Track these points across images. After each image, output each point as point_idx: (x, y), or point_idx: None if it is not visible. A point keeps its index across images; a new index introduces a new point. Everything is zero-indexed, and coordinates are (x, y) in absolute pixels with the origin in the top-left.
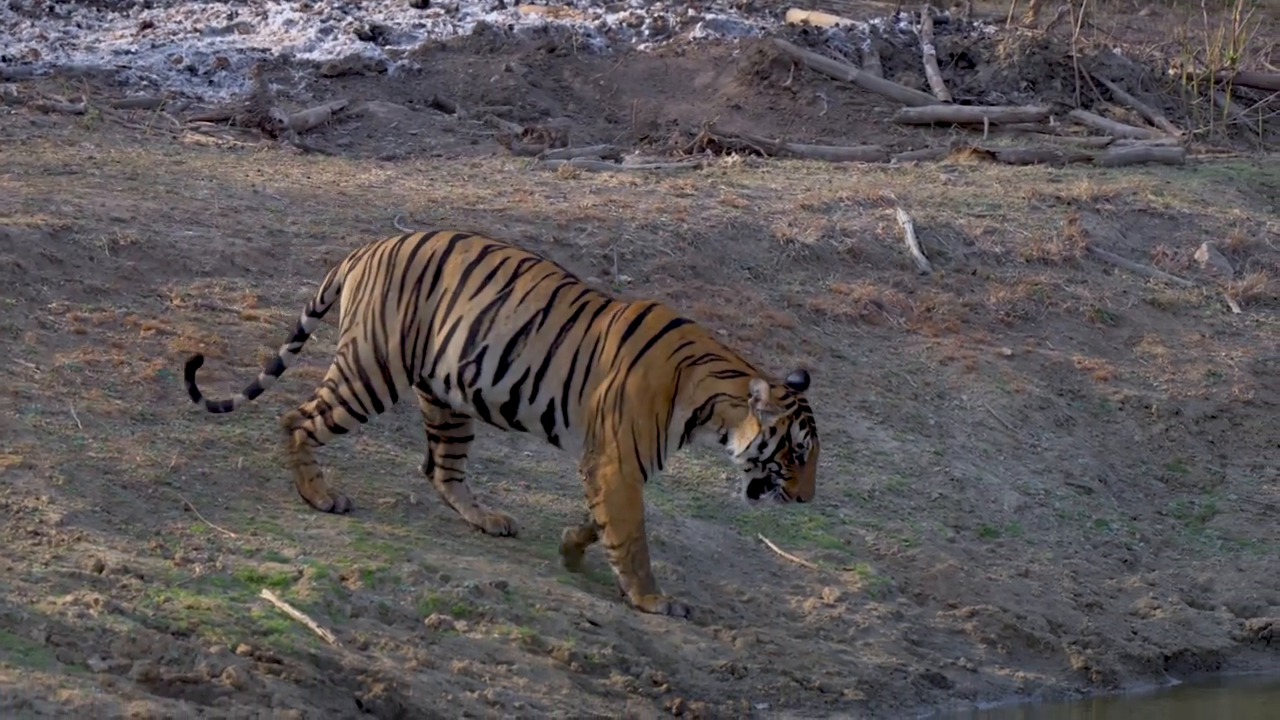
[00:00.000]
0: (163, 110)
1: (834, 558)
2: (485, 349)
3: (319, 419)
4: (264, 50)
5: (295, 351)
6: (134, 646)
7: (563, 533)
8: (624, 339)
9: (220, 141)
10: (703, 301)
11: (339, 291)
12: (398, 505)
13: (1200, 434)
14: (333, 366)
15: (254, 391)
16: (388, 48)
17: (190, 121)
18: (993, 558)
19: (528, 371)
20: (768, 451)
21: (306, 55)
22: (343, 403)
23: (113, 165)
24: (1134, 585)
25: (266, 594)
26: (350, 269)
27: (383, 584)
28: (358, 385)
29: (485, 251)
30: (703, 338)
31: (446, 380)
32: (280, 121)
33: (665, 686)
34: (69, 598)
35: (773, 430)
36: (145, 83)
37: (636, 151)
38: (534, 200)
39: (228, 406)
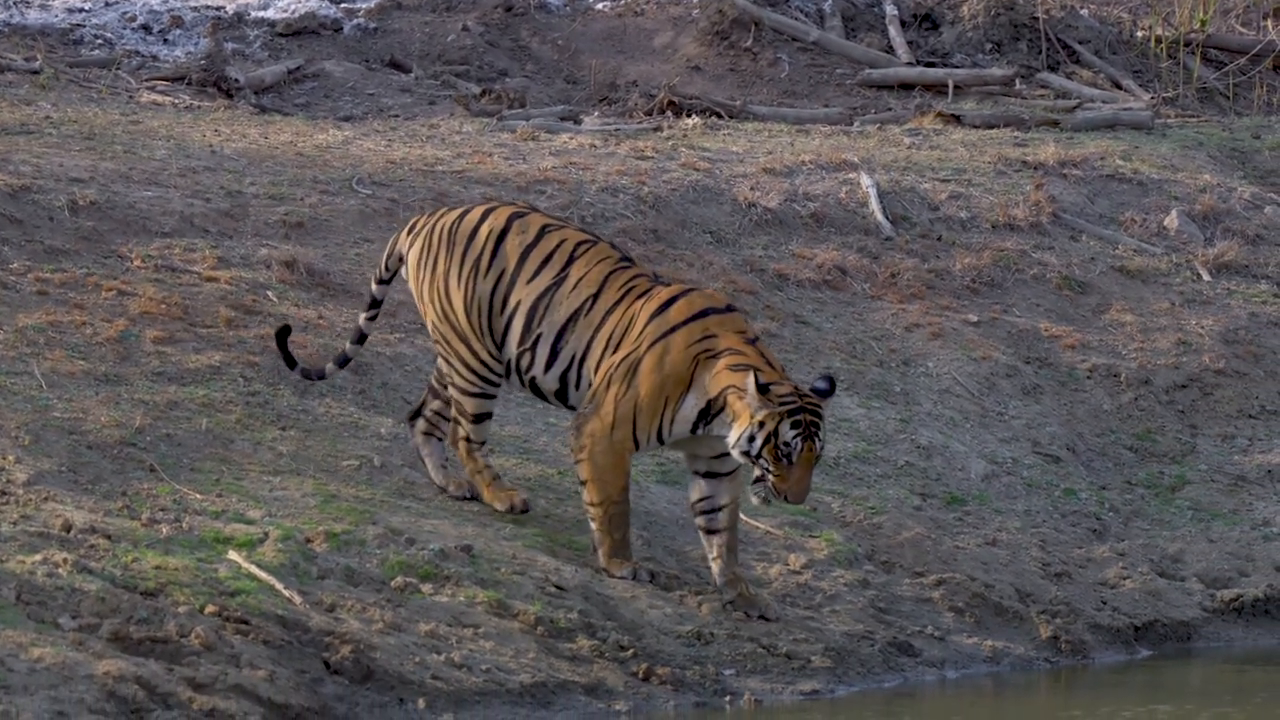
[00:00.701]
0: (118, 69)
1: (800, 525)
2: (539, 336)
3: (463, 422)
4: (218, 8)
5: (372, 319)
6: (103, 606)
7: None
8: (651, 318)
9: (177, 101)
10: (665, 266)
11: (401, 260)
12: (362, 467)
13: (1170, 403)
14: (438, 361)
15: (343, 361)
16: (343, 5)
17: (146, 81)
18: (960, 526)
19: (573, 359)
20: (755, 445)
21: (261, 13)
22: (464, 392)
23: (70, 125)
24: (1103, 555)
25: (233, 555)
26: (411, 243)
27: (348, 546)
28: (460, 367)
29: (542, 232)
30: (728, 333)
31: (507, 366)
32: (236, 81)
33: (632, 651)
34: (38, 557)
35: (760, 424)
36: (100, 41)
37: (596, 113)
38: (493, 162)
39: (320, 374)
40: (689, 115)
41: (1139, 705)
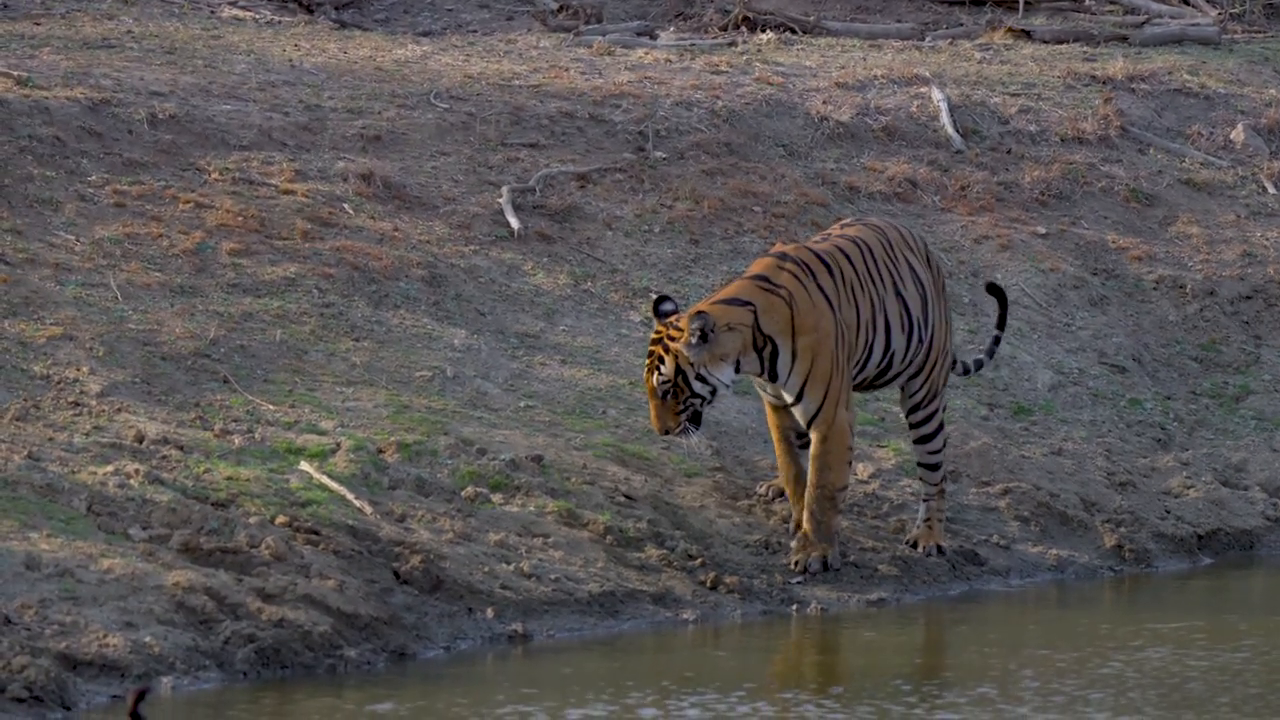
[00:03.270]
0: None
1: (868, 434)
2: None
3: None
4: None
5: None
6: (174, 516)
7: None
8: None
9: (257, 16)
10: (737, 179)
11: None
12: (434, 378)
13: (1235, 314)
14: None
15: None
16: None
17: None
18: (1026, 436)
19: None
20: None
21: None
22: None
23: (150, 39)
24: (1167, 464)
25: (305, 465)
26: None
27: (419, 457)
28: None
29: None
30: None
31: None
32: None
33: (700, 560)
34: (109, 468)
35: None
36: None
37: (671, 28)
38: (569, 77)
39: (979, 366)
40: (763, 30)
41: (1204, 615)
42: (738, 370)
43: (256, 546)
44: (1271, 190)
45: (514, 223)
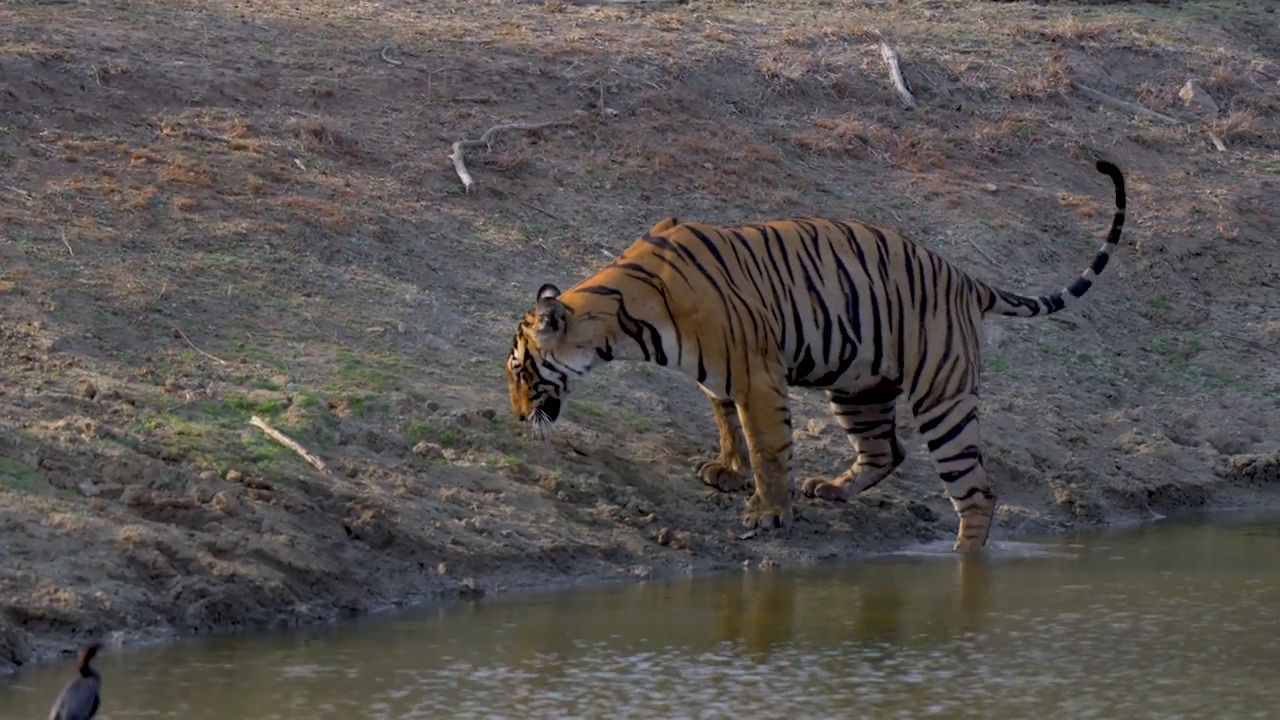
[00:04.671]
0: None
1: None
2: None
3: None
4: None
5: None
6: (125, 471)
7: None
8: None
9: None
10: (688, 135)
11: None
12: (386, 334)
13: (1184, 271)
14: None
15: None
16: None
17: None
18: None
19: None
20: None
21: None
22: None
23: None
24: (1118, 421)
25: (256, 421)
26: None
27: (371, 412)
28: None
29: None
30: None
31: None
32: None
33: (651, 516)
34: (61, 422)
35: None
36: None
37: None
38: (520, 33)
39: (1056, 302)
40: None
41: (1154, 571)
42: (609, 357)
43: (208, 502)
44: (1220, 148)
45: (465, 179)
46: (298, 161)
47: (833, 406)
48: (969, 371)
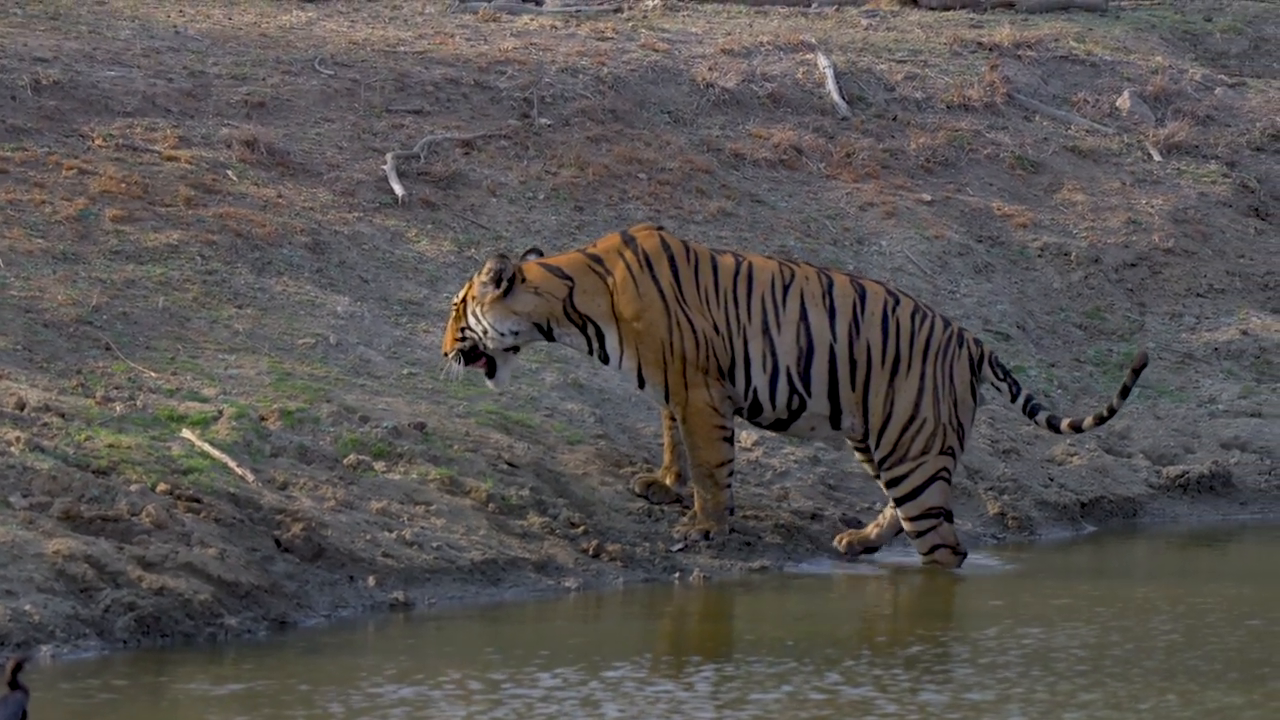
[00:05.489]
0: None
1: None
2: None
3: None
4: None
5: None
6: (55, 484)
7: None
8: None
9: None
10: (622, 145)
11: None
12: (317, 346)
13: (1119, 282)
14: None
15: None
16: None
17: None
18: None
19: None
20: None
21: None
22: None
23: (34, 5)
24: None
25: (187, 433)
26: None
27: (302, 424)
28: None
29: None
30: None
31: None
32: None
33: (583, 528)
34: None
35: None
36: None
37: None
38: (455, 43)
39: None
40: None
41: (1086, 584)
42: (551, 338)
43: (137, 514)
44: (1157, 158)
45: (398, 189)
46: (229, 173)
47: (857, 456)
48: (938, 433)
